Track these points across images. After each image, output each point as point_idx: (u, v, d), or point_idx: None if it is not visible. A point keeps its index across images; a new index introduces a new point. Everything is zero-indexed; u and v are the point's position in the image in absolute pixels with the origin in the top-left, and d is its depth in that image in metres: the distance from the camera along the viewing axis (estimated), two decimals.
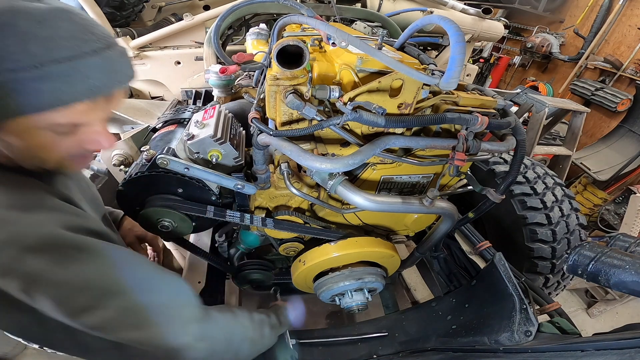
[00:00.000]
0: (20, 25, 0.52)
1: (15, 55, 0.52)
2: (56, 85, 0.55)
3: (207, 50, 1.84)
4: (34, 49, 0.53)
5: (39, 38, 0.53)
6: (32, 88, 0.54)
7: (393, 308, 1.75)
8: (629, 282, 0.71)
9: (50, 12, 0.55)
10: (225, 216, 1.04)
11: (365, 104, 0.81)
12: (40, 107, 0.56)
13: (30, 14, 0.53)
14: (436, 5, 2.71)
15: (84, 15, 0.60)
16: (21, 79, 0.53)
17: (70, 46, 0.56)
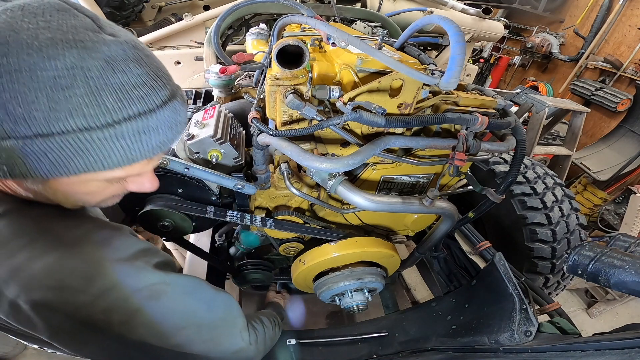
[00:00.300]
0: (90, 67, 0.45)
1: (89, 109, 0.46)
2: (127, 144, 0.51)
3: (207, 50, 1.84)
4: (108, 102, 0.47)
5: (111, 87, 0.47)
6: (104, 147, 0.49)
7: (393, 308, 1.75)
8: (629, 282, 0.71)
9: (119, 49, 0.48)
10: (225, 216, 1.04)
11: (365, 104, 0.81)
12: (107, 167, 0.51)
13: (99, 51, 0.46)
14: (436, 5, 2.71)
15: (147, 49, 0.54)
16: (94, 138, 0.47)
17: (142, 97, 0.50)
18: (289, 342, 1.32)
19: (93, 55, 0.46)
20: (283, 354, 1.27)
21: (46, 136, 0.45)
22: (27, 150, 0.46)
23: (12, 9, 0.45)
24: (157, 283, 0.59)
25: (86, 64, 0.45)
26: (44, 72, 0.43)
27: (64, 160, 0.48)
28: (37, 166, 0.47)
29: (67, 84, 0.44)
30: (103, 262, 0.54)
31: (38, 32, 0.44)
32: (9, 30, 0.43)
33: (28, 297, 0.49)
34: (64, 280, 0.51)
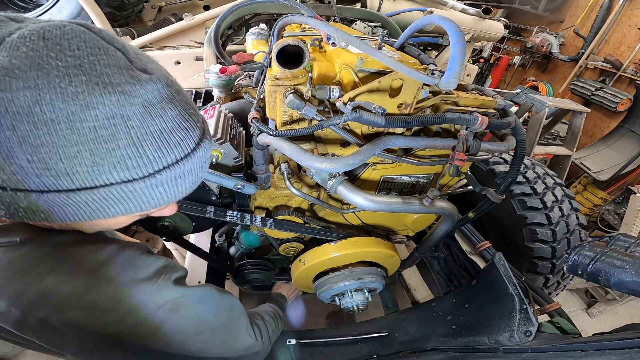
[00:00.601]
0: (130, 115, 0.43)
1: (131, 161, 0.45)
2: (165, 189, 0.51)
3: (207, 50, 1.84)
4: (149, 152, 0.46)
5: (151, 136, 0.46)
6: (143, 195, 0.49)
7: (393, 308, 1.76)
8: (629, 282, 0.71)
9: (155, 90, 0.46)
10: (225, 216, 1.04)
11: (365, 104, 0.81)
12: (144, 209, 0.52)
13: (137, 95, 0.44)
14: (436, 5, 2.71)
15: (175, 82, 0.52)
16: (136, 188, 0.48)
17: (179, 142, 0.49)
18: (289, 342, 1.33)
19: (132, 101, 0.43)
20: (283, 354, 1.27)
21: (89, 189, 0.45)
22: (68, 201, 0.45)
23: (31, 38, 0.40)
24: (177, 297, 0.62)
25: (126, 112, 0.43)
26: (84, 123, 0.41)
27: (104, 208, 0.48)
28: (77, 213, 0.47)
29: (109, 136, 0.43)
30: (128, 283, 0.56)
31: (70, 73, 0.40)
32: (36, 69, 0.39)
33: (60, 316, 0.51)
34: (95, 301, 0.53)
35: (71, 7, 2.22)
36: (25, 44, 0.39)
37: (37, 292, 0.49)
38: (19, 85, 0.38)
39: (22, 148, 0.40)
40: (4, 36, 0.40)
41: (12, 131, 0.39)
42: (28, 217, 0.46)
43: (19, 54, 0.39)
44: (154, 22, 3.17)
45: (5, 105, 0.38)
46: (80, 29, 0.43)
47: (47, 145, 0.40)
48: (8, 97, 0.38)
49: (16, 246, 0.51)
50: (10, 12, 0.50)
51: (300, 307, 1.74)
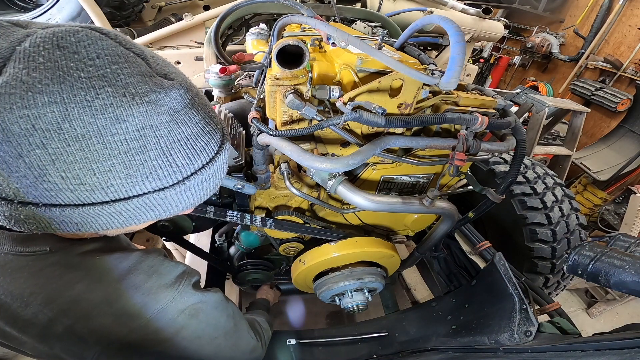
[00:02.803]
0: (158, 125, 0.43)
1: (162, 171, 0.46)
2: (192, 194, 0.52)
3: (207, 50, 1.84)
4: (178, 160, 0.47)
5: (179, 144, 0.46)
6: (173, 201, 0.50)
7: (393, 308, 1.75)
8: (629, 282, 0.71)
9: (178, 96, 0.45)
10: (225, 216, 1.04)
11: (365, 104, 0.81)
12: (172, 214, 0.53)
13: (163, 104, 0.43)
14: (436, 5, 2.71)
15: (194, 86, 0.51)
16: (166, 195, 0.48)
17: (204, 147, 0.50)
18: (289, 342, 1.33)
19: (159, 110, 0.43)
20: (283, 354, 1.27)
21: (123, 200, 0.45)
22: (102, 213, 0.45)
23: (46, 47, 0.38)
24: (196, 302, 0.63)
25: (154, 122, 0.43)
26: (115, 136, 0.40)
27: (136, 216, 0.49)
28: (109, 223, 0.48)
29: (139, 148, 0.42)
30: (154, 289, 0.57)
31: (95, 85, 0.38)
32: (58, 82, 0.37)
33: (87, 323, 0.51)
34: (124, 307, 0.53)
35: (71, 7, 2.22)
36: (40, 54, 0.37)
37: (68, 299, 0.50)
38: (44, 100, 0.36)
39: (54, 166, 0.39)
40: (14, 45, 0.38)
41: (42, 149, 0.38)
42: (60, 229, 0.46)
43: (37, 65, 0.37)
44: (154, 22, 3.17)
45: (32, 122, 0.36)
46: (95, 34, 0.41)
47: (80, 162, 0.40)
48: (34, 114, 0.36)
49: (46, 255, 0.51)
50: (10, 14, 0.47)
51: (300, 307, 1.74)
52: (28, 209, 0.41)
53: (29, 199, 0.41)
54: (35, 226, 0.44)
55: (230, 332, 0.73)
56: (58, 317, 0.50)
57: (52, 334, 0.50)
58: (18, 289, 0.49)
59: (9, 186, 0.40)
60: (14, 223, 0.43)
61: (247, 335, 0.82)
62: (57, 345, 0.52)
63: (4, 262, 0.50)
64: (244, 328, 0.81)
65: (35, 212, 0.42)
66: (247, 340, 0.82)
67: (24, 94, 0.36)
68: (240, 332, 0.79)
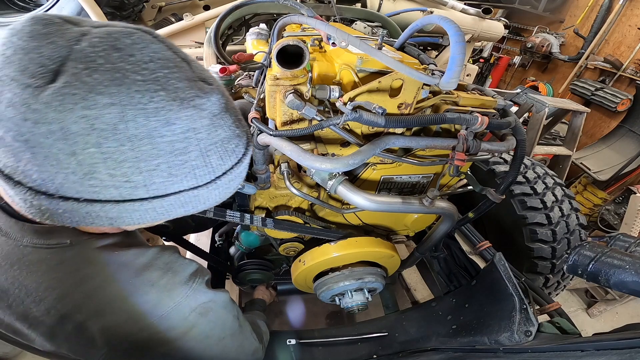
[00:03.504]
0: (199, 128, 0.45)
1: (200, 170, 0.48)
2: (220, 191, 0.53)
3: (207, 50, 1.83)
4: (214, 161, 0.49)
5: (215, 146, 0.48)
6: (204, 197, 0.52)
7: (393, 308, 1.75)
8: (629, 282, 0.71)
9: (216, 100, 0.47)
10: (225, 216, 1.04)
11: (365, 104, 0.81)
12: (199, 210, 0.54)
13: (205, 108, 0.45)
14: (436, 5, 2.71)
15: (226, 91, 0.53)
16: (200, 193, 0.50)
17: (235, 149, 0.52)
18: (289, 342, 1.32)
19: (201, 114, 0.45)
20: (283, 354, 1.27)
21: (162, 197, 0.47)
22: (139, 209, 0.46)
23: (104, 48, 0.40)
24: (207, 301, 0.63)
25: (197, 125, 0.45)
26: (163, 138, 0.42)
27: (168, 212, 0.50)
28: (143, 218, 0.48)
29: (182, 149, 0.44)
30: (169, 286, 0.57)
31: (149, 89, 0.40)
32: (117, 84, 0.39)
33: (98, 320, 0.51)
34: (136, 304, 0.53)
35: (71, 7, 2.22)
36: (99, 55, 0.39)
37: (83, 294, 0.50)
38: (105, 102, 0.38)
39: (105, 164, 0.40)
40: (71, 44, 0.39)
41: (97, 148, 0.39)
42: (94, 223, 0.46)
43: (97, 66, 0.38)
44: (154, 22, 3.17)
45: (92, 122, 0.38)
46: (147, 37, 0.44)
47: (129, 160, 0.41)
48: (94, 115, 0.38)
49: (66, 248, 0.51)
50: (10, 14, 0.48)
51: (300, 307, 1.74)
52: (68, 204, 0.42)
53: (70, 194, 0.42)
54: (70, 220, 0.45)
55: (236, 333, 0.73)
56: (71, 313, 0.50)
57: (62, 332, 0.50)
58: (34, 283, 0.49)
59: (53, 181, 0.40)
60: (47, 217, 0.44)
61: (251, 337, 0.82)
62: (65, 345, 0.52)
63: (21, 254, 0.49)
64: (248, 329, 0.81)
65: (75, 206, 0.43)
66: (251, 341, 0.82)
67: (85, 94, 0.37)
68: (245, 333, 0.79)
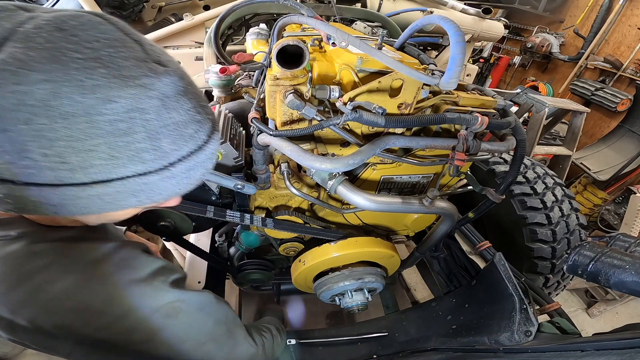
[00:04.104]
0: (147, 109, 0.43)
1: (147, 154, 0.45)
2: (177, 181, 0.50)
3: (207, 50, 1.84)
4: (165, 145, 0.46)
5: (167, 129, 0.45)
6: (156, 187, 0.48)
7: (393, 308, 1.75)
8: (629, 282, 0.71)
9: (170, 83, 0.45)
10: (225, 216, 1.04)
11: (365, 104, 0.81)
12: (155, 201, 0.51)
13: (154, 88, 0.43)
14: (436, 5, 2.71)
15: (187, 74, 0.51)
16: (150, 181, 0.47)
17: (193, 135, 0.49)
18: (289, 342, 1.33)
19: (149, 94, 0.43)
20: (283, 354, 1.27)
21: (104, 182, 0.44)
22: (81, 195, 0.44)
23: (47, 29, 0.39)
24: (174, 301, 0.59)
25: (143, 105, 0.42)
26: (102, 116, 0.40)
27: (117, 201, 0.47)
28: (88, 206, 0.46)
29: (126, 129, 0.42)
30: (122, 283, 0.54)
31: (89, 66, 0.39)
32: (53, 61, 0.37)
33: (49, 318, 0.49)
34: (85, 302, 0.50)
35: (71, 7, 2.22)
36: (41, 35, 0.38)
37: (28, 289, 0.48)
38: (36, 78, 0.37)
39: (37, 142, 0.39)
40: (16, 26, 0.38)
41: (27, 125, 0.37)
42: (37, 211, 0.44)
43: (35, 45, 0.37)
44: (154, 22, 3.17)
45: (21, 98, 0.37)
46: (97, 19, 0.42)
47: (64, 139, 0.39)
48: (24, 90, 0.36)
49: (10, 241, 0.49)
50: None
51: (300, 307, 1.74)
52: (6, 187, 0.41)
53: (7, 177, 0.40)
54: (13, 206, 0.43)
55: (221, 338, 0.69)
56: (18, 309, 0.48)
57: (18, 327, 0.48)
58: None
59: None
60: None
61: (245, 342, 0.78)
62: (27, 337, 0.50)
63: None
64: (240, 334, 0.77)
65: (13, 190, 0.41)
66: (245, 347, 0.78)
67: (16, 70, 0.36)
68: (237, 338, 0.76)
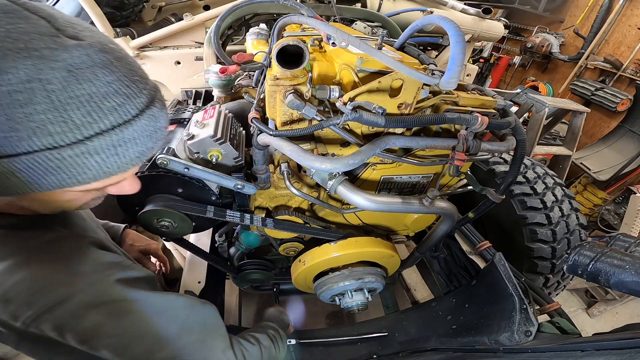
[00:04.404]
0: (50, 79, 0.41)
1: (54, 127, 0.43)
2: (102, 159, 0.48)
3: (207, 50, 1.84)
4: (76, 117, 0.43)
5: (77, 101, 0.43)
6: (77, 164, 0.46)
7: (393, 308, 1.75)
8: (629, 282, 0.71)
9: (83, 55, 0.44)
10: (225, 216, 1.04)
11: (365, 104, 0.81)
12: (82, 182, 0.49)
13: (58, 59, 0.42)
14: (436, 5, 2.71)
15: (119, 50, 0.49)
16: (65, 156, 0.45)
17: (115, 108, 0.47)
18: (289, 342, 1.33)
19: (52, 65, 0.41)
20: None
21: (10, 157, 0.42)
22: None
23: None
24: (119, 300, 0.55)
25: (45, 76, 0.41)
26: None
27: (34, 179, 0.45)
28: (6, 184, 0.45)
29: (24, 100, 0.40)
30: (54, 274, 0.51)
31: None
32: None
33: None
34: (8, 292, 0.48)
35: (71, 7, 2.22)
36: None
37: None
38: None
39: None
40: None
41: None
42: None
43: None
44: (154, 22, 3.17)
45: None
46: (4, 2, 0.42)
47: None
48: None
49: None
50: None
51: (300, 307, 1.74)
52: None
53: None
54: None
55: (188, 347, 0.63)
56: None
57: None
58: None
59: None
60: None
61: (221, 355, 0.71)
62: None
63: None
64: (217, 346, 0.70)
65: None
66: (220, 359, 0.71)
67: None
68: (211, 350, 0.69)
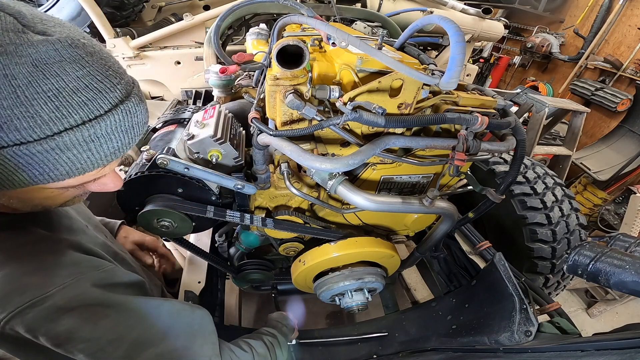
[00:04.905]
0: (15, 75, 0.41)
1: (21, 122, 0.42)
2: (74, 154, 0.47)
3: (207, 50, 1.84)
4: (43, 112, 0.43)
5: (45, 96, 0.43)
6: (47, 160, 0.46)
7: (393, 308, 1.75)
8: (629, 282, 0.71)
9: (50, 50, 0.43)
10: (225, 216, 1.04)
11: (365, 104, 0.81)
12: (56, 178, 0.48)
13: (23, 55, 0.41)
14: (436, 5, 2.71)
15: (91, 45, 0.48)
16: (34, 152, 0.44)
17: (85, 102, 0.46)
18: (289, 342, 1.32)
19: (16, 61, 0.41)
20: None
21: None
22: None
23: None
24: (94, 305, 0.54)
25: (9, 72, 0.40)
26: None
27: (5, 175, 0.45)
28: None
29: None
30: (27, 277, 0.50)
31: None
32: None
33: None
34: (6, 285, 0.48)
35: (71, 7, 2.22)
36: None
37: None
38: None
39: None
40: None
41: None
42: None
43: None
44: (154, 22, 3.17)
45: None
46: None
47: None
48: None
49: None
50: None
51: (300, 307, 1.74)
52: None
53: None
54: None
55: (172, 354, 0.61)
56: None
57: None
58: None
59: None
60: None
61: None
62: None
63: None
64: (203, 353, 0.69)
65: None
66: None
67: None
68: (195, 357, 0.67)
